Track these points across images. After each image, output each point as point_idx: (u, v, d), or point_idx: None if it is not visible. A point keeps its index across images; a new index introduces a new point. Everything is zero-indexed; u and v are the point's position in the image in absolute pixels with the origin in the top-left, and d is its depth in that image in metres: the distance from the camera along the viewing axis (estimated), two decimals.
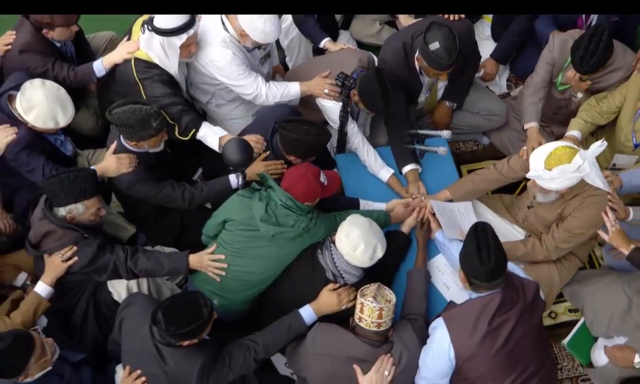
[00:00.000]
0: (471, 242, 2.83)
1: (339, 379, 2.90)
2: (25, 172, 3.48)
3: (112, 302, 3.35)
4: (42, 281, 3.18)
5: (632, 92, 3.79)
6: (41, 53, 3.74)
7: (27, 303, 3.16)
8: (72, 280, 3.25)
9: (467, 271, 2.86)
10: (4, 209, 3.69)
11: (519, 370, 2.87)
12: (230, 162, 3.17)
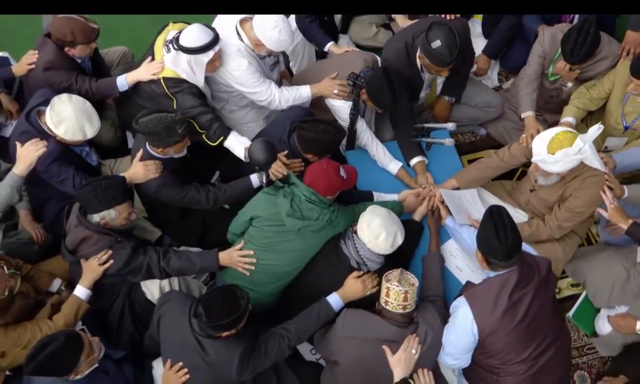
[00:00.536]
0: (488, 224, 2.86)
1: (369, 361, 2.91)
2: (56, 183, 3.47)
3: (146, 301, 3.34)
4: (81, 285, 3.17)
5: (619, 79, 3.86)
6: (64, 69, 3.74)
7: (68, 306, 3.14)
8: (107, 282, 3.24)
9: (485, 251, 2.89)
10: (34, 219, 3.67)
11: (538, 341, 2.91)
12: (256, 161, 3.17)
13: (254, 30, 3.58)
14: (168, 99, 3.64)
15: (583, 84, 4.01)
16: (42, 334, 3.01)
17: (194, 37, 3.48)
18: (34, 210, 3.69)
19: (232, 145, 3.59)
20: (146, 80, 3.72)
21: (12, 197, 3.35)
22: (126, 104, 3.92)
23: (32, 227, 3.61)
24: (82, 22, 3.71)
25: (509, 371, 2.91)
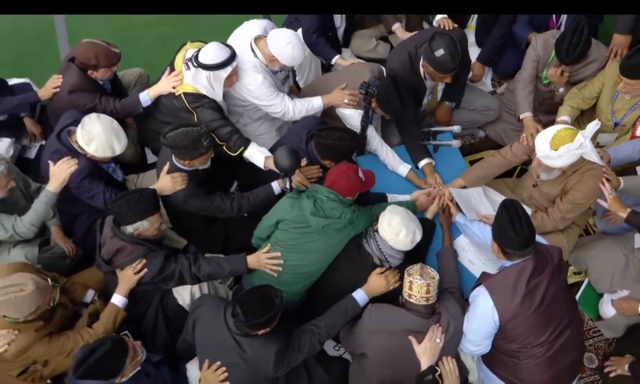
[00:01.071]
0: (504, 217, 2.89)
1: (396, 351, 2.91)
2: (88, 198, 3.46)
3: (178, 307, 3.34)
4: (117, 293, 3.15)
5: (609, 79, 3.92)
6: (88, 91, 3.75)
7: (106, 314, 3.13)
8: (141, 291, 3.22)
9: (501, 242, 2.91)
10: (64, 234, 3.65)
11: (554, 324, 2.94)
12: (281, 168, 3.19)
13: (269, 46, 3.61)
14: (188, 113, 3.66)
15: (575, 86, 4.06)
16: (83, 342, 3.00)
17: (212, 55, 3.50)
18: (64, 226, 3.67)
19: (252, 154, 3.59)
20: (167, 95, 3.73)
21: (47, 213, 3.35)
22: (147, 121, 3.94)
23: (64, 242, 3.59)
24: (104, 46, 3.71)
25: (528, 354, 2.93)
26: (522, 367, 2.97)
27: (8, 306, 2.72)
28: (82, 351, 2.64)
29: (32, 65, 4.54)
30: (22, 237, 3.32)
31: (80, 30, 4.93)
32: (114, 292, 3.18)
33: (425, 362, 2.84)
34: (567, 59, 3.74)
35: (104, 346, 2.60)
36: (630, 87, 3.71)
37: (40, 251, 3.48)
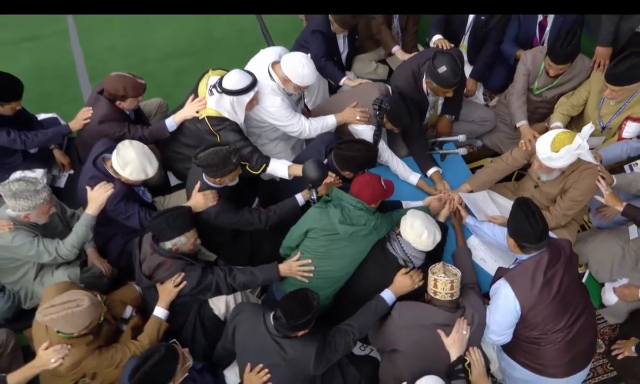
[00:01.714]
0: (518, 213, 2.93)
1: (427, 344, 2.91)
2: (123, 219, 3.43)
3: (214, 317, 3.31)
4: (159, 306, 3.13)
5: (594, 87, 4.01)
6: (117, 121, 3.74)
7: (150, 326, 3.10)
8: (179, 303, 3.19)
9: (518, 237, 2.94)
10: (100, 255, 3.61)
11: (571, 311, 2.96)
12: (310, 179, 3.20)
13: (282, 69, 3.65)
14: (212, 135, 3.66)
15: (563, 96, 4.13)
16: (131, 353, 2.96)
17: (236, 81, 3.52)
18: (99, 247, 3.64)
19: (275, 168, 3.60)
20: (191, 119, 3.73)
21: (87, 235, 3.33)
22: (170, 144, 3.92)
23: (100, 262, 3.56)
24: (131, 78, 3.72)
25: (549, 340, 2.94)
26: (543, 353, 2.98)
27: (66, 321, 2.68)
28: (137, 359, 2.62)
29: (55, 102, 4.52)
30: (64, 259, 3.28)
31: (98, 67, 4.94)
32: (155, 305, 3.16)
33: (454, 353, 2.85)
34: (561, 51, 3.81)
35: (158, 353, 2.58)
36: (615, 93, 3.80)
37: (81, 271, 3.44)
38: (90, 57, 5.07)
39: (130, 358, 2.93)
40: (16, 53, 4.96)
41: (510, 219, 2.99)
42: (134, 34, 5.27)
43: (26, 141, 3.74)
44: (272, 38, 5.22)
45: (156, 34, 5.29)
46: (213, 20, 5.41)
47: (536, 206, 2.97)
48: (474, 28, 4.56)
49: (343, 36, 4.43)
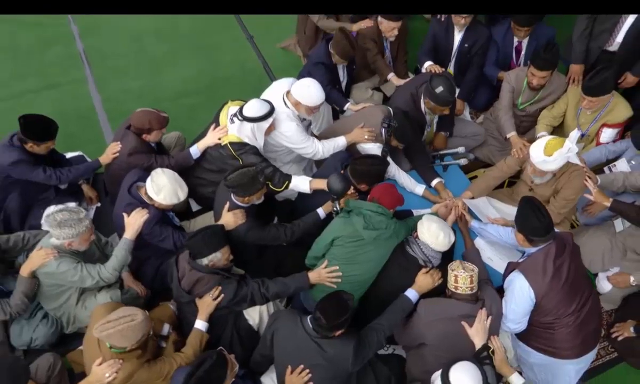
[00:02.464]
0: (526, 210, 2.98)
1: (453, 336, 2.91)
2: (158, 241, 3.41)
3: (249, 327, 3.28)
4: (199, 319, 3.09)
5: (571, 99, 4.16)
6: (145, 152, 3.74)
7: (193, 338, 3.05)
8: (217, 315, 3.15)
9: (527, 232, 2.98)
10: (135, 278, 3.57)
11: (579, 296, 3.01)
12: (334, 191, 3.25)
13: (292, 94, 3.72)
14: (234, 159, 3.66)
15: (544, 109, 4.26)
16: (177, 365, 2.91)
17: (256, 109, 3.57)
18: (133, 271, 3.59)
19: (297, 184, 3.62)
20: (214, 146, 3.75)
21: (127, 258, 3.30)
22: (192, 171, 3.89)
23: (136, 284, 3.53)
24: (155, 112, 3.75)
25: (562, 324, 2.98)
26: (557, 336, 3.01)
27: (122, 335, 2.63)
28: (191, 366, 2.58)
29: (79, 142, 4.49)
30: (105, 282, 3.22)
31: (116, 109, 4.94)
32: (194, 320, 3.12)
33: (478, 342, 2.86)
34: (544, 55, 3.95)
35: (210, 359, 2.55)
36: (592, 103, 3.94)
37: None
38: (107, 100, 5.06)
39: (177, 369, 2.88)
40: (39, 101, 4.95)
41: (518, 216, 3.04)
42: (146, 77, 5.28)
43: (61, 177, 3.71)
44: (274, 74, 5.27)
45: (166, 76, 5.32)
46: (217, 61, 5.47)
47: (540, 202, 3.03)
48: (458, 55, 4.69)
49: (342, 67, 4.51)
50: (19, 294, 3.13)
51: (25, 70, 5.26)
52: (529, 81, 4.15)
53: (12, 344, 3.33)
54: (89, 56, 5.43)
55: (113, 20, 5.74)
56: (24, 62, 5.35)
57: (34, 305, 3.33)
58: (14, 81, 5.18)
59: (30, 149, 3.61)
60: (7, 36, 5.55)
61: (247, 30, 5.75)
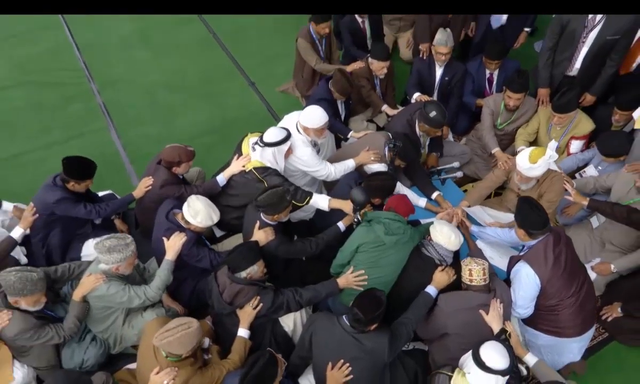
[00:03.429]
0: (525, 208, 3.10)
1: (474, 323, 2.96)
2: (196, 261, 3.40)
3: (284, 334, 3.28)
4: (242, 327, 3.09)
5: (542, 117, 4.38)
6: (175, 183, 3.76)
7: (237, 345, 3.03)
8: (256, 324, 3.15)
9: (527, 226, 3.08)
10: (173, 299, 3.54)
11: (577, 280, 3.10)
12: (357, 202, 3.32)
13: (300, 120, 3.85)
14: (259, 182, 3.69)
15: (520, 128, 4.45)
16: (226, 370, 2.89)
17: (275, 135, 3.65)
18: (171, 292, 3.54)
19: (317, 200, 3.65)
20: (238, 173, 3.78)
21: (169, 278, 3.28)
22: (218, 199, 3.86)
23: (175, 304, 3.50)
24: (183, 147, 3.79)
25: (564, 305, 3.06)
26: (561, 317, 3.09)
27: (180, 342, 2.61)
28: (245, 367, 2.56)
29: (107, 183, 4.43)
30: (151, 301, 3.19)
31: (137, 152, 4.95)
32: (236, 329, 3.10)
33: (495, 327, 2.92)
34: (519, 79, 4.17)
35: (263, 358, 2.55)
36: (561, 119, 4.16)
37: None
38: (128, 145, 5.06)
39: (227, 374, 2.85)
40: (66, 150, 4.83)
41: (518, 215, 3.14)
42: (162, 124, 5.31)
43: (100, 211, 3.68)
44: (277, 114, 5.36)
45: (179, 121, 5.35)
46: (224, 106, 5.52)
47: (536, 200, 3.15)
48: (440, 87, 4.88)
49: (341, 102, 4.62)
50: (72, 317, 3.07)
51: (51, 124, 5.25)
52: (506, 104, 4.34)
53: (63, 368, 3.23)
54: (108, 108, 5.45)
55: (127, 76, 5.82)
56: (49, 117, 5.33)
57: (82, 329, 3.26)
58: (41, 134, 5.15)
59: (72, 187, 3.59)
60: (33, 96, 5.54)
61: (249, 77, 5.84)
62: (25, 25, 6.41)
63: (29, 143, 5.05)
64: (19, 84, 5.66)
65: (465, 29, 4.97)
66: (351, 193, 3.38)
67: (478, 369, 2.53)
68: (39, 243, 3.68)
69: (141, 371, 2.83)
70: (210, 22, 6.58)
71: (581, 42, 4.25)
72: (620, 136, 4.02)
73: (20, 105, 5.44)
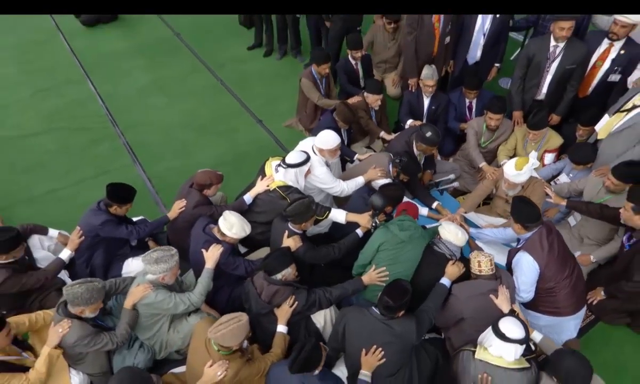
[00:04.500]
0: (520, 205, 3.25)
1: (485, 307, 3.03)
2: (232, 269, 3.43)
3: (316, 330, 3.29)
4: (280, 324, 3.11)
5: (519, 135, 4.62)
6: (206, 204, 3.81)
7: (278, 340, 3.05)
8: (292, 321, 3.17)
9: (523, 220, 3.22)
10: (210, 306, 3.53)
11: (569, 265, 3.24)
12: (377, 206, 3.41)
13: (315, 144, 3.97)
14: (282, 199, 3.76)
15: (500, 145, 4.67)
16: (270, 362, 2.90)
17: (296, 158, 3.77)
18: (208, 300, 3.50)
19: (335, 214, 3.73)
20: (263, 192, 3.85)
21: (210, 285, 3.30)
22: (245, 216, 3.87)
23: (212, 311, 3.49)
24: (213, 171, 3.87)
25: (560, 287, 3.19)
26: (558, 298, 3.20)
27: (232, 334, 2.62)
28: (294, 352, 2.58)
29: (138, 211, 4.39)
30: (195, 306, 3.19)
31: (162, 184, 5.01)
32: (273, 327, 3.13)
33: (505, 308, 3.00)
34: (497, 104, 4.41)
35: (310, 342, 2.58)
36: (535, 136, 4.39)
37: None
38: (154, 178, 5.10)
39: (272, 365, 2.85)
40: (96, 185, 4.93)
41: (515, 211, 3.28)
42: (181, 158, 5.38)
43: (140, 231, 3.70)
44: (285, 146, 5.49)
45: (196, 155, 5.42)
46: (235, 141, 5.62)
47: (529, 199, 3.30)
48: (428, 114, 5.10)
49: (344, 130, 4.78)
50: (124, 324, 3.05)
51: (80, 164, 5.27)
52: (488, 124, 4.57)
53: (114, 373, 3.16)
54: (132, 147, 5.50)
55: (146, 119, 5.91)
56: (78, 158, 5.36)
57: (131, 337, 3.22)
58: (72, 173, 5.16)
59: (114, 211, 3.61)
60: (62, 140, 5.58)
61: (256, 115, 5.99)
62: (52, 81, 6.51)
63: (62, 180, 5.05)
64: (49, 131, 5.70)
65: (445, 65, 5.23)
66: (371, 199, 3.49)
67: (499, 341, 2.60)
68: (83, 264, 3.66)
69: (193, 366, 2.81)
70: (217, 71, 6.77)
71: (545, 71, 4.54)
72: (587, 146, 4.25)
73: (52, 148, 5.45)
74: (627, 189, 3.55)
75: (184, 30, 7.73)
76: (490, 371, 2.63)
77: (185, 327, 3.20)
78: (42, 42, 7.36)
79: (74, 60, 7.00)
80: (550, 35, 4.42)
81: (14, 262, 3.23)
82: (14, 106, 6.09)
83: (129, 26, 7.91)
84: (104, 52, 7.21)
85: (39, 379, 2.75)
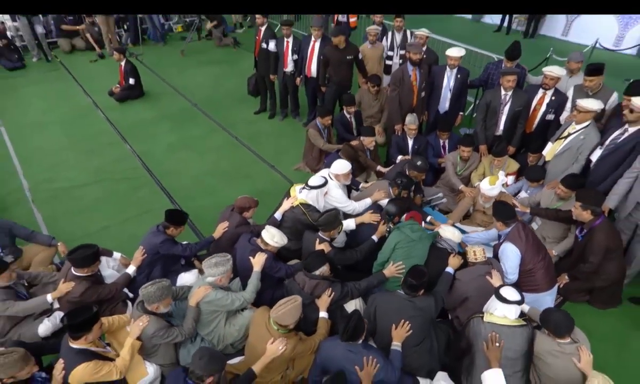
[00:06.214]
0: (500, 206, 3.58)
1: (484, 287, 3.28)
2: (275, 272, 3.56)
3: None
4: (322, 311, 3.24)
5: (486, 163, 5.06)
6: (246, 224, 4.00)
7: (322, 323, 3.20)
8: (330, 309, 3.30)
9: (503, 218, 3.54)
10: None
11: (542, 251, 3.55)
12: (391, 212, 3.65)
13: (332, 170, 4.25)
14: (303, 215, 3.95)
15: (472, 172, 5.09)
16: (318, 340, 3.02)
17: (317, 181, 4.05)
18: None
19: (348, 225, 3.96)
20: (289, 209, 4.03)
21: (259, 285, 3.41)
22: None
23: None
24: (251, 197, 4.10)
25: (537, 268, 3.46)
26: (537, 276, 3.47)
27: (290, 314, 2.77)
28: (343, 321, 2.72)
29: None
30: (248, 302, 3.31)
31: (198, 217, 5.10)
32: (315, 314, 3.25)
33: (498, 285, 3.23)
34: (467, 140, 4.86)
35: (355, 315, 2.73)
36: (499, 162, 4.85)
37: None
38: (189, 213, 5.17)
39: (321, 341, 2.97)
40: (140, 221, 4.99)
41: (496, 212, 3.61)
42: (210, 198, 5.54)
43: (192, 249, 3.83)
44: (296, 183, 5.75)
45: (222, 195, 5.55)
46: (255, 183, 5.84)
47: (506, 200, 3.65)
48: (412, 152, 5.51)
49: None
50: (190, 320, 3.13)
51: (125, 206, 5.38)
52: (461, 156, 5.03)
53: (180, 364, 3.20)
54: (168, 191, 5.67)
55: (177, 169, 6.12)
56: (122, 202, 5.47)
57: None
58: (119, 213, 5.26)
59: (170, 232, 3.76)
60: (108, 188, 5.70)
61: (268, 162, 6.29)
62: (95, 145, 6.69)
63: (111, 219, 5.14)
64: (96, 182, 5.83)
65: (422, 114, 5.75)
66: (386, 208, 3.77)
67: (502, 304, 2.84)
68: (143, 280, 3.72)
69: (254, 345, 2.91)
70: (231, 130, 7.12)
71: (500, 112, 5.09)
72: (538, 167, 4.72)
73: (100, 196, 5.57)
74: (573, 196, 3.96)
75: (200, 101, 8.15)
76: (498, 329, 2.85)
77: (240, 320, 3.30)
78: (83, 116, 7.61)
79: (111, 128, 7.24)
80: (500, 87, 5.00)
81: (91, 276, 3.31)
82: (64, 164, 6.22)
83: (154, 100, 8.28)
84: (135, 120, 7.49)
85: (124, 366, 2.79)
